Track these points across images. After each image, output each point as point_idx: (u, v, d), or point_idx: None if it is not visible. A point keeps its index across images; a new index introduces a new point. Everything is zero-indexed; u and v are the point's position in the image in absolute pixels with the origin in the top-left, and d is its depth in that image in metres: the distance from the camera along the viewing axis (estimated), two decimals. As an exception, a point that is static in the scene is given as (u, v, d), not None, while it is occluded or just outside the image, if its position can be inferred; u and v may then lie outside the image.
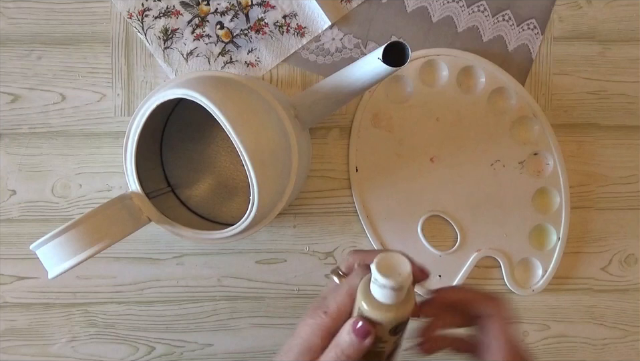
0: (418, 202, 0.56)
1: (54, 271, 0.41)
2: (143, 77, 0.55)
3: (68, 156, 0.56)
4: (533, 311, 0.58)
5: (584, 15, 0.57)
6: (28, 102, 0.55)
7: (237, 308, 0.57)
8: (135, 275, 0.57)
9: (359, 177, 0.56)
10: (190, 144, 0.55)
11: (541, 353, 0.59)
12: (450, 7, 0.56)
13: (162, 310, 0.57)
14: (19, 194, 0.56)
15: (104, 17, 0.55)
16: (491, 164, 0.56)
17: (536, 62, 0.57)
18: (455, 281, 0.56)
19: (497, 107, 0.56)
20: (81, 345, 0.57)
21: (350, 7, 0.55)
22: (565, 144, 0.57)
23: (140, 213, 0.44)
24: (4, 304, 0.56)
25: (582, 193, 0.58)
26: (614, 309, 0.59)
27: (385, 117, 0.56)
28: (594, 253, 0.58)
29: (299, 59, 0.56)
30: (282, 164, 0.45)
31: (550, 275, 0.57)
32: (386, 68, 0.40)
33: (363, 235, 0.57)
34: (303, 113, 0.47)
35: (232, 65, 0.56)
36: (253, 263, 0.57)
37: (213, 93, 0.41)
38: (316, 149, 0.56)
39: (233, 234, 0.45)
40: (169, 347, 0.57)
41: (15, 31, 0.55)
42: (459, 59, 0.55)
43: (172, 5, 0.55)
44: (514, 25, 0.56)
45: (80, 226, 0.40)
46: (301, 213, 0.57)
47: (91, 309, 0.57)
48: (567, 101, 0.57)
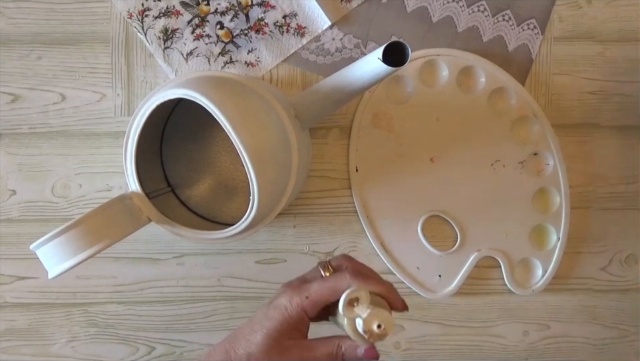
0: (418, 202, 0.56)
1: (54, 271, 0.41)
2: (143, 77, 0.55)
3: (68, 156, 0.56)
4: (533, 311, 0.58)
5: (584, 15, 0.57)
6: (28, 102, 0.55)
7: (237, 308, 0.57)
8: (135, 275, 0.57)
9: (359, 177, 0.56)
10: (190, 144, 0.55)
11: (541, 353, 0.59)
12: (450, 7, 0.56)
13: (162, 310, 0.57)
14: (19, 194, 0.56)
15: (104, 17, 0.55)
16: (491, 164, 0.56)
17: (536, 62, 0.57)
18: (455, 281, 0.56)
19: (497, 107, 0.56)
20: (81, 345, 0.57)
21: (350, 7, 0.55)
22: (565, 144, 0.57)
23: (140, 213, 0.44)
24: (4, 304, 0.56)
25: (582, 193, 0.58)
26: (614, 309, 0.59)
27: (385, 117, 0.56)
28: (594, 253, 0.58)
29: (299, 59, 0.56)
30: (282, 164, 0.45)
31: (550, 275, 0.57)
32: (386, 68, 0.40)
33: (363, 235, 0.57)
34: (303, 113, 0.47)
35: (232, 65, 0.56)
36: (253, 263, 0.57)
37: (213, 93, 0.41)
38: (316, 149, 0.56)
39: (233, 234, 0.45)
40: (169, 347, 0.57)
41: (15, 31, 0.55)
42: (459, 59, 0.55)
43: (172, 5, 0.55)
44: (514, 25, 0.56)
45: (80, 226, 0.40)
46: (301, 213, 0.57)
47: (91, 309, 0.57)
48: (567, 101, 0.57)
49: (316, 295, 0.38)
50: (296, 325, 0.38)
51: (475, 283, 0.57)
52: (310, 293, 0.38)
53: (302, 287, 0.39)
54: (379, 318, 0.35)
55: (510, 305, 0.58)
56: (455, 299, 0.58)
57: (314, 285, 0.38)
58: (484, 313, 0.58)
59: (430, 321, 0.58)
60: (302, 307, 0.37)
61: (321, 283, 0.38)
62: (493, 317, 0.58)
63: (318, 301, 0.38)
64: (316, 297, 0.38)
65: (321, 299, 0.38)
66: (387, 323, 0.35)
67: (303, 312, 0.38)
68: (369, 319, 0.35)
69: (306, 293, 0.38)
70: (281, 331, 0.37)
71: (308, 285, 0.39)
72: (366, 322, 0.35)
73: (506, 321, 0.58)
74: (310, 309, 0.38)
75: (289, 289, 0.39)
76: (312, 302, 0.38)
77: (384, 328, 0.35)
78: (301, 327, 0.38)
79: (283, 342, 0.37)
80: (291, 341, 0.37)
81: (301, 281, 0.40)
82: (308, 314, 0.38)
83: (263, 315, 0.38)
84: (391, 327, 0.35)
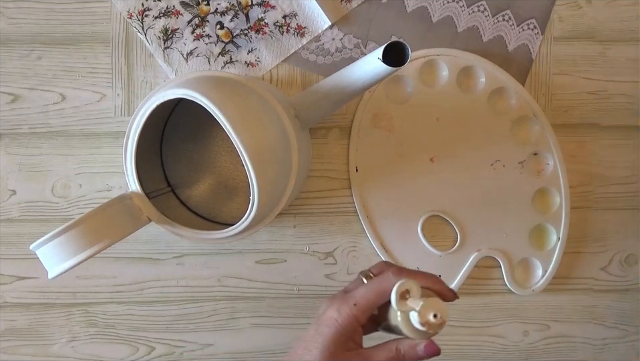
0: (418, 202, 0.56)
1: (54, 271, 0.41)
2: (143, 77, 0.55)
3: (68, 156, 0.56)
4: (533, 311, 0.58)
5: (584, 15, 0.57)
6: (28, 102, 0.55)
7: (237, 308, 0.57)
8: (135, 275, 0.57)
9: (359, 177, 0.56)
10: (190, 144, 0.55)
11: (541, 353, 0.59)
12: (450, 7, 0.56)
13: (162, 310, 0.57)
14: (19, 194, 0.56)
15: (104, 17, 0.55)
16: (491, 164, 0.56)
17: (536, 62, 0.57)
18: (455, 281, 0.56)
19: (497, 107, 0.56)
20: (81, 345, 0.57)
21: (350, 7, 0.55)
22: (565, 144, 0.57)
23: (140, 213, 0.44)
24: (4, 304, 0.56)
25: (582, 193, 0.58)
26: (614, 309, 0.59)
27: (385, 117, 0.56)
28: (594, 253, 0.58)
29: (299, 59, 0.56)
30: (282, 164, 0.45)
31: (550, 275, 0.57)
32: (386, 68, 0.40)
33: (363, 235, 0.57)
34: (303, 113, 0.47)
35: (232, 65, 0.56)
36: (253, 263, 0.57)
37: (213, 93, 0.41)
38: (316, 149, 0.56)
39: (233, 234, 0.45)
40: (169, 347, 0.57)
41: (15, 31, 0.55)
42: (459, 59, 0.55)
43: (172, 5, 0.55)
44: (514, 25, 0.56)
45: (80, 226, 0.40)
46: (301, 213, 0.57)
47: (91, 309, 0.57)
48: (567, 101, 0.57)
49: (364, 300, 0.37)
50: (350, 336, 0.37)
51: (475, 283, 0.57)
52: (358, 300, 0.37)
53: (348, 296, 0.38)
54: (434, 308, 0.34)
55: (510, 305, 0.58)
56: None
57: (359, 290, 0.38)
58: (484, 313, 0.58)
59: (430, 321, 0.58)
60: (353, 315, 0.37)
61: (367, 287, 0.38)
62: (493, 317, 0.58)
63: (367, 306, 0.37)
64: (364, 301, 0.37)
65: (369, 303, 0.37)
66: (443, 312, 0.34)
67: (354, 320, 0.37)
68: (424, 311, 0.34)
69: (353, 300, 0.37)
70: (337, 344, 0.36)
71: (353, 293, 0.38)
72: (421, 314, 0.34)
73: (506, 321, 0.58)
74: (361, 315, 0.37)
75: (334, 301, 0.38)
76: (361, 308, 0.37)
77: (441, 317, 0.34)
78: (355, 336, 0.37)
79: (340, 354, 0.36)
80: (348, 352, 0.37)
81: (344, 292, 0.39)
82: (360, 321, 0.37)
83: (315, 333, 0.37)
84: (446, 315, 0.34)
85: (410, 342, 0.36)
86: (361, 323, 0.37)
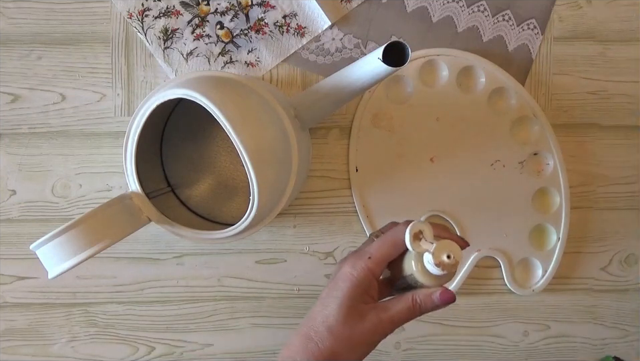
0: (418, 202, 0.56)
1: (54, 271, 0.41)
2: (143, 77, 0.55)
3: (68, 156, 0.56)
4: (533, 311, 0.58)
5: (584, 15, 0.57)
6: (28, 102, 0.55)
7: (237, 308, 0.57)
8: (135, 275, 0.57)
9: (359, 177, 0.56)
10: (190, 144, 0.55)
11: (541, 353, 0.59)
12: (450, 7, 0.56)
13: (162, 310, 0.57)
14: (19, 194, 0.56)
15: (104, 17, 0.55)
16: (491, 164, 0.56)
17: (536, 62, 0.57)
18: (455, 281, 0.56)
19: (497, 107, 0.56)
20: (81, 345, 0.57)
21: (350, 7, 0.55)
22: (565, 144, 0.57)
23: (140, 213, 0.44)
24: (4, 304, 0.56)
25: (582, 193, 0.58)
26: (614, 309, 0.59)
27: (385, 117, 0.56)
28: (594, 253, 0.58)
29: (299, 59, 0.56)
30: (282, 164, 0.45)
31: (550, 275, 0.57)
32: (386, 68, 0.40)
33: (363, 235, 0.57)
34: (303, 113, 0.47)
35: (232, 65, 0.56)
36: (253, 263, 0.57)
37: (213, 93, 0.41)
38: (316, 149, 0.56)
39: (233, 234, 0.45)
40: (169, 347, 0.57)
41: (15, 31, 0.55)
42: (459, 59, 0.55)
43: (172, 5, 0.55)
44: (514, 25, 0.56)
45: (80, 226, 0.40)
46: (301, 213, 0.57)
47: (91, 309, 0.57)
48: (567, 101, 0.57)
49: (378, 252, 0.38)
50: (366, 289, 0.38)
51: (476, 283, 0.57)
52: (372, 253, 0.38)
53: (362, 252, 0.38)
54: (447, 248, 0.35)
55: (510, 305, 0.58)
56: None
57: (373, 245, 0.38)
58: (484, 313, 0.58)
59: (430, 321, 0.58)
60: (368, 268, 0.37)
61: (380, 240, 0.38)
62: (493, 317, 0.58)
63: (381, 258, 0.38)
64: (378, 253, 0.38)
65: (384, 255, 0.38)
66: (456, 253, 0.35)
67: (370, 273, 0.37)
68: (438, 251, 0.35)
69: (367, 255, 0.38)
70: (354, 297, 0.37)
71: (367, 248, 0.38)
72: (435, 254, 0.35)
73: (506, 321, 0.58)
74: (376, 268, 0.37)
75: (349, 257, 0.39)
76: (376, 260, 0.37)
77: (454, 257, 0.35)
78: (371, 290, 0.38)
79: (358, 307, 0.37)
80: (365, 305, 0.37)
81: (357, 250, 0.40)
82: (375, 274, 0.38)
83: (332, 288, 0.38)
84: (460, 256, 0.35)
85: (425, 291, 0.37)
86: (377, 277, 0.38)
